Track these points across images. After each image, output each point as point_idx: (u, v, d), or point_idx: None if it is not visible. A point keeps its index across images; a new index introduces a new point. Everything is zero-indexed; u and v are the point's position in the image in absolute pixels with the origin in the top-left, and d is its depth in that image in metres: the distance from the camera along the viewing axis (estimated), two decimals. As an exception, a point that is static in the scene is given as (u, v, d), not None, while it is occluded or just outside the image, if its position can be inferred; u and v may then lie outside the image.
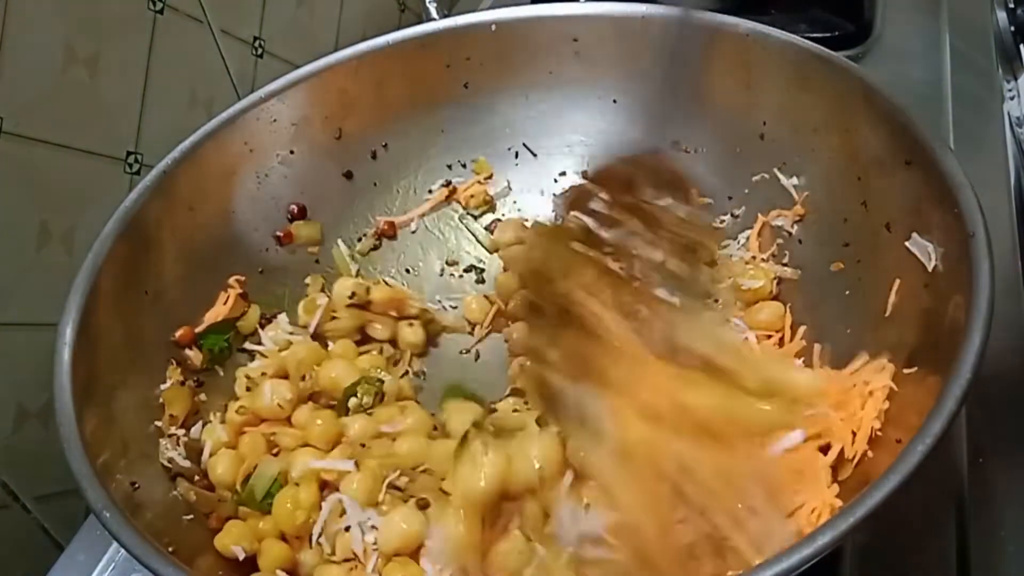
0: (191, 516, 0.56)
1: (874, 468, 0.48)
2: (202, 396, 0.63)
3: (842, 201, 0.62)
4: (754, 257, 0.66)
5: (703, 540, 0.47)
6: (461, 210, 0.76)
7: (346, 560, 0.53)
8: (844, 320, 0.59)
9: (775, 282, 0.65)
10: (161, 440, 0.58)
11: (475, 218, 0.76)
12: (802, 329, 0.61)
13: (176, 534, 0.52)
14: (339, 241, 0.73)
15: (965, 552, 0.56)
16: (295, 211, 0.71)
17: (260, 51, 0.92)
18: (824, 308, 0.62)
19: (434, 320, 0.71)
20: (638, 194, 0.56)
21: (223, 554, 0.54)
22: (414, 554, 0.52)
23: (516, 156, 0.77)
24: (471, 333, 0.71)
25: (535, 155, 0.77)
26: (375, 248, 0.74)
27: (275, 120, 0.70)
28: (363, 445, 0.57)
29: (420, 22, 0.74)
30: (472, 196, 0.75)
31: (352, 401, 0.60)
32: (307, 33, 1.00)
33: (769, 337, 0.62)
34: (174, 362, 0.62)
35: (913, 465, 0.41)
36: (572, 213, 0.56)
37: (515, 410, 0.59)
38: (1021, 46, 0.96)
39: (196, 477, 0.58)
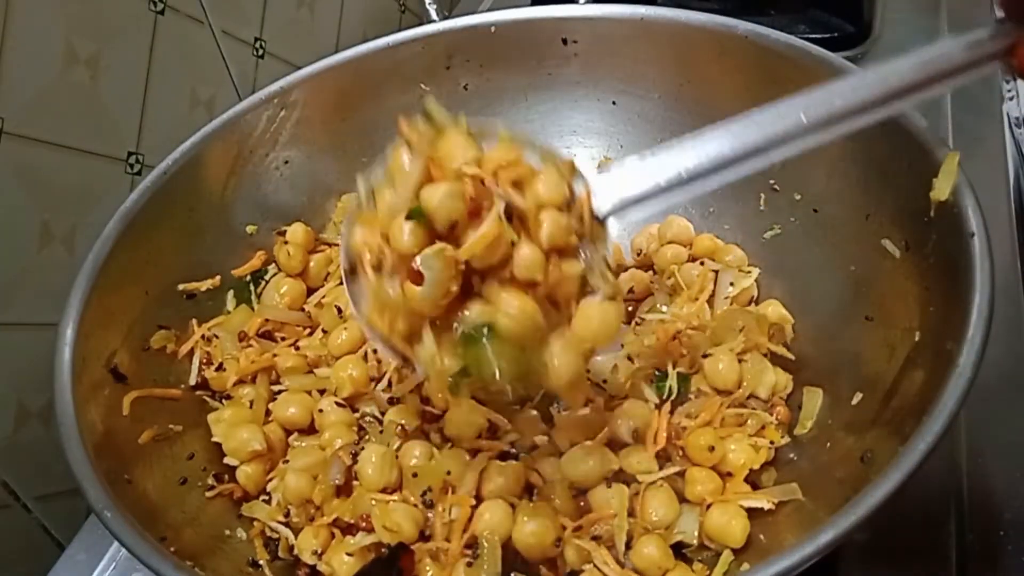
0: (191, 514, 0.56)
1: (875, 467, 0.48)
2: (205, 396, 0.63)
3: (841, 202, 0.62)
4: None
5: None
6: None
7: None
8: (844, 322, 0.59)
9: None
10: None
11: None
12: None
13: (177, 533, 0.52)
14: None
15: (965, 552, 0.56)
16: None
17: (261, 52, 0.92)
18: (824, 310, 0.62)
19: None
20: None
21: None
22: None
23: (516, 157, 0.77)
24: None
25: (535, 156, 0.77)
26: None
27: (275, 121, 0.70)
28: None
29: (420, 23, 0.74)
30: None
31: None
32: (308, 34, 1.00)
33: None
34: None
35: (914, 464, 0.41)
36: None
37: None
38: (1021, 47, 0.96)
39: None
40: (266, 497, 0.59)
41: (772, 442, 0.57)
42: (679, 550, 0.54)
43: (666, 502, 0.54)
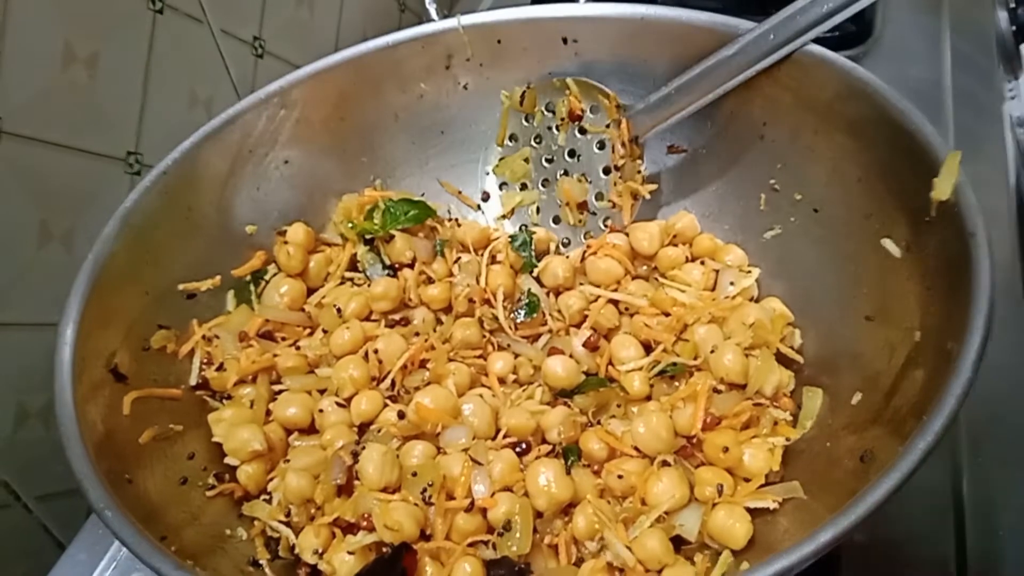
0: (192, 514, 0.56)
1: (875, 466, 0.48)
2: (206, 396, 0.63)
3: (841, 202, 0.62)
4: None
5: None
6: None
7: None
8: (845, 321, 0.59)
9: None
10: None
11: None
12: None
13: (177, 533, 0.52)
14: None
15: (965, 552, 0.56)
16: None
17: (260, 51, 0.92)
18: (824, 310, 0.62)
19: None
20: None
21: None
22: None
23: (516, 156, 0.77)
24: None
25: (535, 155, 0.77)
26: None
27: (275, 121, 0.70)
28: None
29: (420, 22, 0.74)
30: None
31: None
32: (307, 33, 1.00)
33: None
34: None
35: (914, 464, 0.41)
36: None
37: None
38: (1021, 46, 0.96)
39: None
40: (267, 497, 0.59)
41: (788, 439, 0.57)
42: (678, 545, 0.54)
43: (676, 482, 0.54)
